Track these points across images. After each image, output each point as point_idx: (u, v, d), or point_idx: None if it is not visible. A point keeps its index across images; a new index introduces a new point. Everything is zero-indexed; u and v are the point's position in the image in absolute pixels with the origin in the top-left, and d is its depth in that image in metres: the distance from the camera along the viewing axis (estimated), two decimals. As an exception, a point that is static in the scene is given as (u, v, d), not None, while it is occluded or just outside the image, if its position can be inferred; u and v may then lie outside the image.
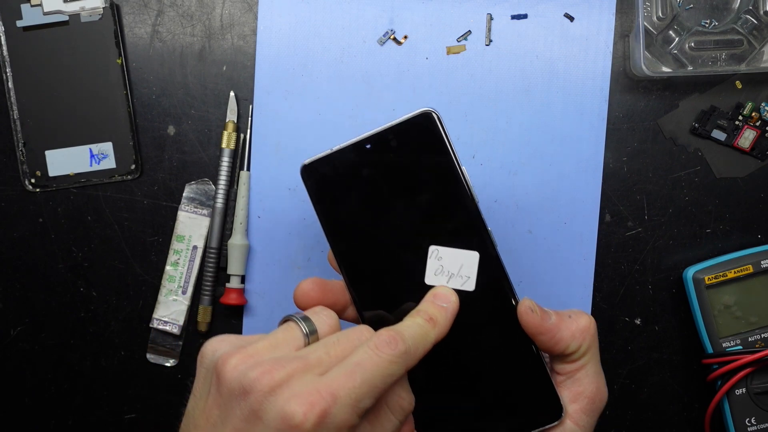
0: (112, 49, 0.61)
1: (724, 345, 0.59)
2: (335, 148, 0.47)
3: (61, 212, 0.62)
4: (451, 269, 0.47)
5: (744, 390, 0.59)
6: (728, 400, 0.60)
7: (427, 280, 0.47)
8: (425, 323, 0.44)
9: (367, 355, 0.40)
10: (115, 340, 0.63)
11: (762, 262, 0.59)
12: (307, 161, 0.47)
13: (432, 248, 0.47)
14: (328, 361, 0.40)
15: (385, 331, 0.42)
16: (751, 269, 0.59)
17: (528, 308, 0.46)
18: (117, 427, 0.63)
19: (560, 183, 0.61)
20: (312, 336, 0.42)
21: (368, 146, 0.47)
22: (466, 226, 0.47)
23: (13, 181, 0.62)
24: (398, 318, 0.45)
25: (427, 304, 0.45)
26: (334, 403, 0.38)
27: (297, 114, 0.62)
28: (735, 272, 0.59)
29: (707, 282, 0.59)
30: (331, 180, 0.47)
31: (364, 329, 0.43)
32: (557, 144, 0.61)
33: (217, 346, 0.42)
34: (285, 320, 0.43)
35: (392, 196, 0.47)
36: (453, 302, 0.46)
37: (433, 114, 0.47)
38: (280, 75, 0.61)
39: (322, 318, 0.43)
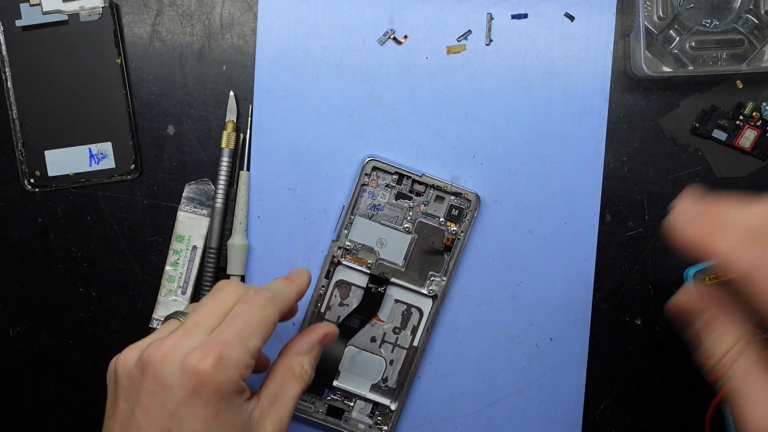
0: (111, 48, 0.61)
1: (724, 345, 0.59)
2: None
3: (61, 212, 0.62)
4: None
5: None
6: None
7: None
8: (284, 281, 0.52)
9: (243, 308, 0.47)
10: (115, 340, 0.63)
11: (762, 263, 0.59)
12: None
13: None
14: (206, 322, 0.47)
15: (251, 287, 0.49)
16: (751, 269, 0.59)
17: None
18: (117, 427, 0.63)
19: (560, 183, 0.61)
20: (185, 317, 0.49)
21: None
22: None
23: (13, 181, 0.62)
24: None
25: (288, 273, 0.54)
26: (225, 346, 0.44)
27: (297, 114, 0.61)
28: (735, 272, 0.59)
29: (708, 282, 0.59)
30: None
31: (224, 288, 0.49)
32: (557, 144, 0.61)
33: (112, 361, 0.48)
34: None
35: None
36: (305, 271, 0.54)
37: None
38: (280, 75, 0.61)
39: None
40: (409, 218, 0.61)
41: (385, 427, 0.61)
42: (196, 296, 0.62)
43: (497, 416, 0.62)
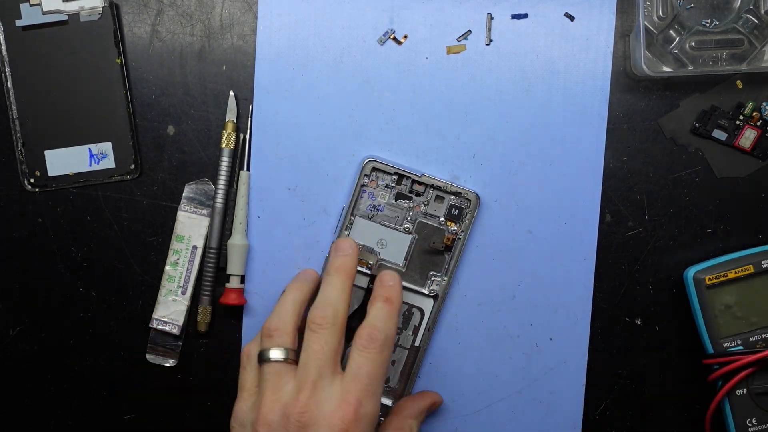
0: (111, 48, 0.61)
1: (725, 345, 0.59)
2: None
3: (61, 212, 0.62)
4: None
5: (745, 390, 0.59)
6: (729, 401, 0.60)
7: None
8: (384, 305, 0.54)
9: (361, 357, 0.52)
10: (115, 341, 0.63)
11: (763, 262, 0.59)
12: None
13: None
14: (324, 372, 0.51)
15: (361, 330, 0.52)
16: (752, 269, 0.59)
17: None
18: (117, 427, 0.63)
19: (560, 183, 0.61)
20: (290, 355, 0.53)
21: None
22: None
23: (13, 181, 0.62)
24: None
25: (378, 289, 0.56)
26: (360, 404, 0.50)
27: (297, 114, 0.61)
28: (736, 272, 0.59)
29: (708, 282, 0.59)
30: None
31: (323, 327, 0.53)
32: (557, 144, 0.61)
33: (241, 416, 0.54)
34: (260, 360, 0.54)
35: None
36: (395, 278, 0.56)
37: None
38: (280, 75, 0.61)
39: (281, 338, 0.54)
40: (409, 218, 0.61)
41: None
42: (195, 296, 0.62)
43: (497, 416, 0.62)
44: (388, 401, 0.61)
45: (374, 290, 0.56)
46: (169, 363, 0.63)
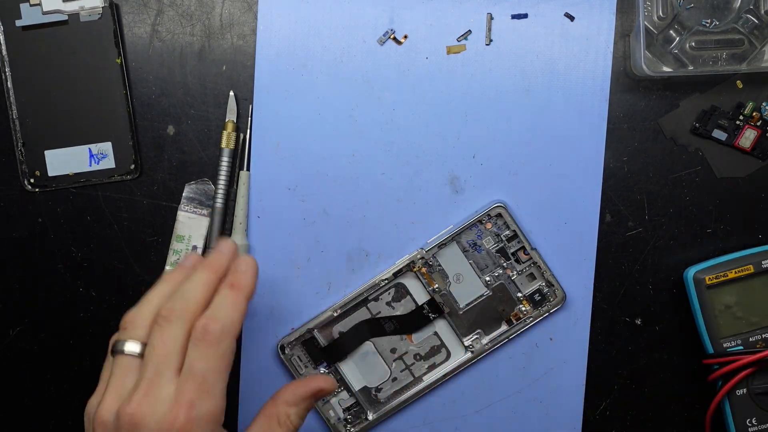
0: (111, 48, 0.61)
1: (725, 345, 0.59)
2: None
3: (61, 212, 0.62)
4: None
5: (745, 390, 0.59)
6: (729, 401, 0.60)
7: None
8: (230, 292, 0.49)
9: (195, 355, 0.47)
10: (115, 341, 0.63)
11: (763, 262, 0.59)
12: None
13: None
14: (166, 368, 0.47)
15: (197, 322, 0.47)
16: (752, 269, 0.59)
17: None
18: (117, 427, 0.63)
19: (560, 183, 0.61)
20: (142, 352, 0.48)
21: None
22: None
23: (13, 181, 0.62)
24: None
25: (228, 275, 0.50)
26: (192, 406, 0.46)
27: (297, 114, 0.61)
28: (736, 272, 0.59)
29: (708, 282, 0.59)
30: None
31: (168, 320, 0.48)
32: (557, 144, 0.61)
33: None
34: (112, 352, 0.50)
35: None
36: (252, 265, 0.50)
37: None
38: (280, 75, 0.61)
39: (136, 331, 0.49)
40: (496, 275, 0.61)
41: (352, 429, 0.61)
42: (196, 296, 0.62)
43: (497, 416, 0.62)
44: (367, 407, 0.61)
45: (226, 276, 0.50)
46: (169, 363, 0.63)
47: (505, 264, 0.61)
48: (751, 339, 0.59)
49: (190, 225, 0.62)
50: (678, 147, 0.61)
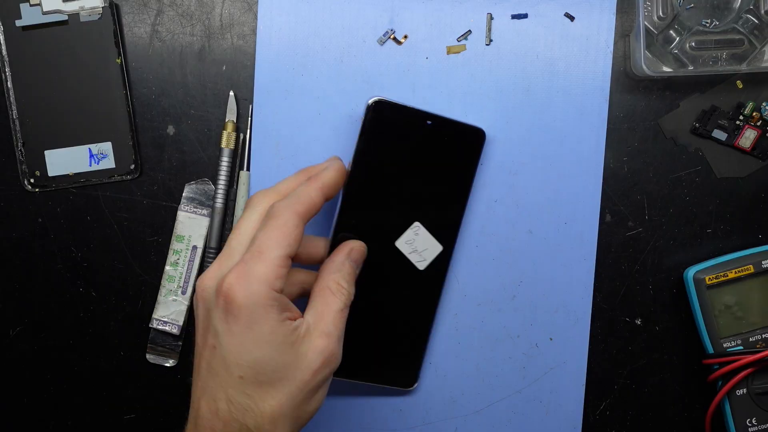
0: (111, 48, 0.61)
1: (725, 345, 0.59)
2: (407, 104, 0.57)
3: (61, 212, 0.62)
4: (417, 246, 0.59)
5: (745, 390, 0.59)
6: (729, 401, 0.60)
7: (397, 244, 0.59)
8: (306, 184, 0.53)
9: (260, 227, 0.51)
10: (115, 341, 0.63)
11: (763, 263, 0.59)
12: (378, 99, 0.57)
13: (416, 224, 0.59)
14: (237, 246, 0.51)
15: (273, 204, 0.52)
16: (752, 269, 0.59)
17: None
18: (117, 427, 0.63)
19: (560, 183, 0.61)
20: None
21: (429, 123, 0.58)
22: (448, 225, 0.60)
23: (13, 181, 0.62)
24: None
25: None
26: (245, 265, 0.49)
27: (297, 114, 0.61)
28: (736, 272, 0.59)
29: (708, 282, 0.59)
30: (385, 124, 0.57)
31: (251, 206, 0.54)
32: (557, 144, 0.61)
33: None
34: None
35: (415, 167, 0.58)
36: (335, 166, 0.55)
37: (484, 134, 0.59)
38: (280, 75, 0.61)
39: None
40: None
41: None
42: (196, 296, 0.62)
43: (497, 416, 0.62)
44: None
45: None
46: (169, 363, 0.63)
47: None
48: (751, 339, 0.59)
49: (190, 225, 0.62)
50: (678, 147, 0.61)
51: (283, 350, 0.48)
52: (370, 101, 0.56)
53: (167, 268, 0.62)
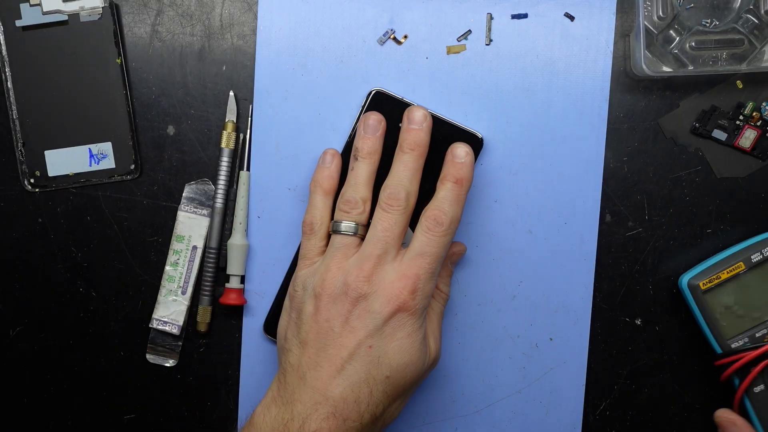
0: (111, 48, 0.61)
1: (732, 346, 0.59)
2: (406, 99, 0.59)
3: (61, 212, 0.62)
4: None
5: (762, 386, 0.59)
6: (749, 399, 0.59)
7: None
8: (454, 186, 0.55)
9: (425, 238, 0.53)
10: (115, 341, 0.63)
11: (752, 257, 0.59)
12: (380, 89, 0.59)
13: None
14: (388, 249, 0.54)
15: (428, 212, 0.54)
16: (743, 266, 0.59)
17: None
18: (117, 427, 0.63)
19: (560, 183, 0.61)
20: (359, 231, 0.55)
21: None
22: None
23: (13, 181, 0.62)
24: None
25: (448, 166, 0.55)
26: (418, 280, 0.53)
27: (297, 114, 0.61)
28: (728, 272, 0.59)
29: (703, 288, 0.59)
30: (383, 114, 0.57)
31: (392, 207, 0.55)
32: (557, 144, 0.61)
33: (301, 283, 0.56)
34: (333, 230, 0.56)
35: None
36: (469, 153, 0.56)
37: (481, 141, 0.60)
38: (280, 75, 0.61)
39: (352, 214, 0.56)
40: None
41: None
42: (195, 296, 0.62)
43: (497, 416, 0.62)
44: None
45: (446, 165, 0.56)
46: (169, 363, 0.63)
47: None
48: (757, 334, 0.59)
49: (190, 225, 0.62)
50: (678, 147, 0.61)
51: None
52: (372, 90, 0.59)
53: (167, 268, 0.62)
